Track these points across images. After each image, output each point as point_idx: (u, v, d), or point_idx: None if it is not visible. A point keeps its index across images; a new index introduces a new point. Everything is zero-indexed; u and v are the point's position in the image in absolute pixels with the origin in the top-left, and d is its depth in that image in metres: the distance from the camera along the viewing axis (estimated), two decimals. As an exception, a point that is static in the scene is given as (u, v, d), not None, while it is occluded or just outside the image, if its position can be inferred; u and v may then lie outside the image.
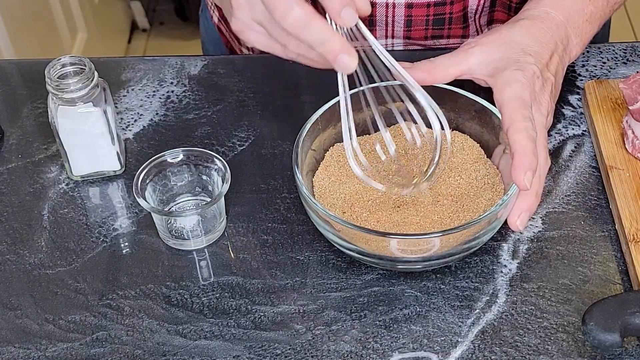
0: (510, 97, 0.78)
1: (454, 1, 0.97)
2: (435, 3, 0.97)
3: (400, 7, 0.98)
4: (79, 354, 0.74)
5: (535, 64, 0.81)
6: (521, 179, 0.73)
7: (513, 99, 0.78)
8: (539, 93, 0.80)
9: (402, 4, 0.97)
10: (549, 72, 0.82)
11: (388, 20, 0.99)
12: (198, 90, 0.97)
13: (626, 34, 2.47)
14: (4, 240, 0.84)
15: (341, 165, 0.83)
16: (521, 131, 0.75)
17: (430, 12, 0.98)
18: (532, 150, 0.74)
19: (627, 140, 0.84)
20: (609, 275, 0.77)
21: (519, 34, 0.83)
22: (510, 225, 0.76)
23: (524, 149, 0.74)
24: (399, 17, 0.98)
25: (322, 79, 0.97)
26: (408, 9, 0.98)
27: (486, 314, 0.75)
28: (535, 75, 0.80)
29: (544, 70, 0.82)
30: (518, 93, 0.78)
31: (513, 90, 0.78)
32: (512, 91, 0.78)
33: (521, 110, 0.77)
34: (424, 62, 0.83)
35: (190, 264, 0.81)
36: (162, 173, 0.83)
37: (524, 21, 0.84)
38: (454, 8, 0.98)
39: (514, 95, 0.78)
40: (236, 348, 0.74)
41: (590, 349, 0.72)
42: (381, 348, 0.73)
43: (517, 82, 0.79)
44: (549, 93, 0.82)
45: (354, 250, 0.76)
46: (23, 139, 0.93)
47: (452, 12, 0.98)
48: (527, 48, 0.82)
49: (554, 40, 0.84)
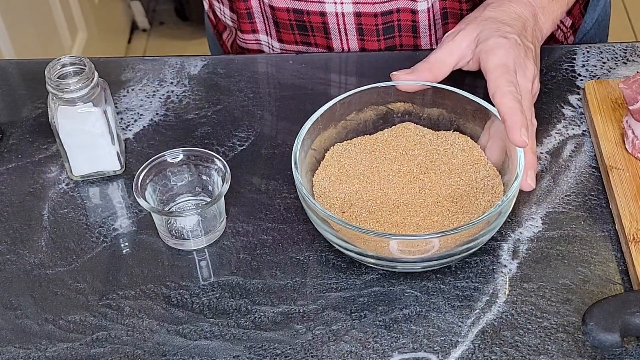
0: (495, 64, 0.81)
1: (401, 10, 0.98)
2: (382, 13, 0.99)
3: (349, 16, 1.00)
4: (79, 354, 0.74)
5: (513, 32, 0.84)
6: (518, 136, 0.76)
7: (497, 65, 0.81)
8: (524, 58, 0.83)
9: (351, 13, 0.99)
10: (528, 41, 0.85)
11: (340, 28, 1.01)
12: (198, 90, 0.97)
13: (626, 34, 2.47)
14: (4, 240, 0.84)
15: (341, 165, 0.83)
16: (506, 94, 0.79)
17: (379, 21, 0.99)
18: (520, 109, 0.78)
19: (627, 140, 0.84)
20: (609, 275, 0.77)
21: (492, 12, 0.87)
22: (524, 188, 0.78)
23: (512, 110, 0.78)
24: (350, 25, 1.00)
25: (322, 79, 0.98)
26: (357, 17, 0.99)
27: (486, 314, 0.75)
28: (517, 43, 0.83)
29: (523, 39, 0.85)
30: (502, 60, 0.81)
31: (497, 57, 0.82)
32: (497, 58, 0.82)
33: (505, 75, 0.80)
34: (419, 64, 0.85)
35: (190, 264, 0.81)
36: (162, 173, 0.83)
37: (493, 3, 0.88)
38: (402, 16, 0.99)
39: (498, 62, 0.81)
40: (236, 348, 0.74)
41: (590, 349, 0.72)
42: (381, 348, 0.73)
43: (501, 49, 0.82)
44: (532, 59, 0.84)
45: (353, 251, 0.76)
46: (23, 139, 0.93)
47: (400, 20, 1.00)
48: (502, 20, 0.86)
49: (525, 15, 0.88)
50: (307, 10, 1.00)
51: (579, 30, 1.10)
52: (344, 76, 1.00)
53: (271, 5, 1.00)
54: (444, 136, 0.84)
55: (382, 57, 1.00)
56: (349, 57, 1.02)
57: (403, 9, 0.99)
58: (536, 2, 0.89)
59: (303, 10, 1.00)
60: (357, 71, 1.00)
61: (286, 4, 1.00)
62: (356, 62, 1.01)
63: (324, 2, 0.99)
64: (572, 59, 0.97)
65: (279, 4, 1.00)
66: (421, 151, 0.83)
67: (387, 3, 0.98)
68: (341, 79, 0.99)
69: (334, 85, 0.97)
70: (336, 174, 0.82)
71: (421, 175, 0.81)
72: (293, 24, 1.02)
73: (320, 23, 1.01)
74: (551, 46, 0.99)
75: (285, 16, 1.01)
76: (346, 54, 1.02)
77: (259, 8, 1.03)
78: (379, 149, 0.84)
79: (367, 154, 0.83)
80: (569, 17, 1.07)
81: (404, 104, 0.85)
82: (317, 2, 0.99)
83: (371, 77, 0.89)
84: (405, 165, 0.82)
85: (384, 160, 0.83)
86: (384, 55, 1.00)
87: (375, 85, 0.84)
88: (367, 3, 0.98)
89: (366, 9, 0.99)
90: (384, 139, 0.85)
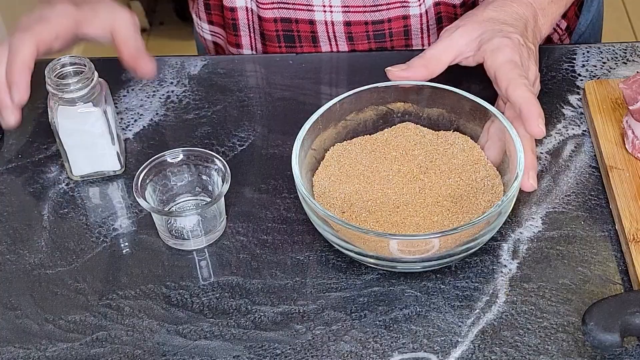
0: (504, 60, 0.81)
1: (392, 19, 0.98)
2: (373, 21, 0.98)
3: (339, 25, 0.99)
4: (79, 354, 0.74)
5: (516, 33, 0.84)
6: (535, 126, 0.77)
7: (506, 61, 0.81)
8: (527, 59, 0.83)
9: (341, 22, 0.99)
10: (529, 41, 0.85)
11: (330, 36, 1.00)
12: (198, 90, 0.97)
13: (626, 34, 2.47)
14: (4, 240, 0.83)
15: (341, 165, 0.83)
16: (520, 86, 0.79)
17: (370, 29, 0.99)
18: (535, 99, 0.78)
19: (627, 140, 0.84)
20: (609, 275, 0.77)
21: (493, 12, 0.87)
22: (525, 189, 0.79)
23: (528, 99, 0.78)
24: (340, 33, 1.00)
25: (322, 79, 0.98)
26: (347, 26, 0.99)
27: (486, 314, 0.75)
28: (520, 43, 0.83)
29: (525, 39, 0.85)
30: (510, 56, 0.81)
31: (505, 54, 0.82)
32: (504, 55, 0.81)
33: (516, 69, 0.80)
34: (414, 59, 0.85)
35: (190, 264, 0.81)
36: (162, 173, 0.83)
37: (495, 2, 0.88)
38: (393, 25, 0.99)
39: (506, 58, 0.81)
40: (236, 348, 0.74)
41: (590, 349, 0.72)
42: (381, 348, 0.73)
43: (507, 47, 0.82)
44: (534, 60, 0.85)
45: (353, 251, 0.76)
46: (23, 139, 0.93)
47: (392, 28, 0.99)
48: (504, 21, 0.85)
49: (526, 15, 0.87)
50: (295, 18, 0.99)
51: (574, 32, 1.10)
52: (344, 76, 1.00)
53: (259, 16, 1.00)
54: (444, 136, 0.84)
55: (382, 57, 0.99)
56: (350, 57, 1.02)
57: (394, 17, 0.98)
58: (536, 3, 0.89)
59: (292, 18, 0.99)
60: (358, 71, 1.00)
61: (274, 14, 0.99)
62: (357, 62, 1.01)
63: (312, 10, 0.98)
64: (572, 59, 0.97)
65: (267, 14, 0.99)
66: (421, 151, 0.83)
67: (377, 12, 0.98)
68: (341, 79, 0.99)
69: (334, 85, 0.97)
70: (336, 174, 0.82)
71: (421, 175, 0.81)
72: (280, 35, 1.01)
73: (308, 32, 1.00)
74: (551, 46, 0.99)
75: (272, 27, 1.01)
76: (346, 54, 1.02)
77: (245, 19, 1.02)
78: (379, 149, 0.84)
79: (367, 154, 0.83)
80: (564, 19, 1.07)
81: (404, 104, 0.85)
82: (306, 10, 0.99)
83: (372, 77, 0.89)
84: (405, 165, 0.82)
85: (384, 160, 0.83)
86: (384, 54, 1.00)
87: (375, 85, 0.84)
88: (357, 12, 0.98)
89: (356, 17, 0.98)
90: (384, 139, 0.85)
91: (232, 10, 1.02)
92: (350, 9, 0.98)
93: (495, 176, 0.81)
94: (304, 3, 0.98)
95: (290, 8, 0.99)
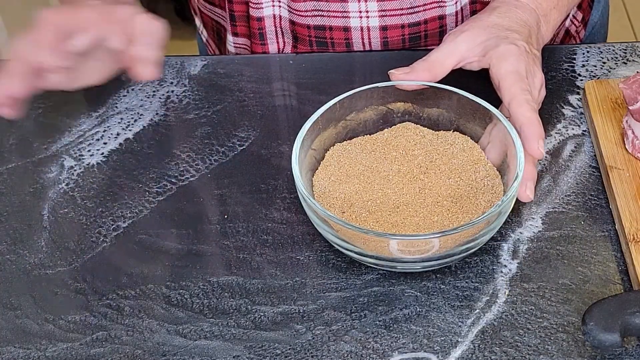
0: (508, 70, 0.81)
1: (428, 20, 0.97)
2: (409, 24, 0.98)
3: (375, 30, 0.98)
4: (79, 354, 0.74)
5: (522, 39, 0.84)
6: (535, 148, 0.77)
7: (510, 72, 0.81)
8: (533, 66, 0.83)
9: (377, 27, 0.98)
10: (534, 48, 0.85)
11: (365, 42, 0.99)
12: (198, 90, 0.97)
13: (626, 34, 2.47)
14: (4, 240, 0.83)
15: (341, 165, 0.83)
16: (523, 104, 0.78)
17: (406, 32, 0.98)
18: (537, 120, 0.78)
19: (627, 140, 0.84)
20: (609, 275, 0.77)
21: (497, 17, 0.86)
22: (522, 199, 0.79)
23: (531, 120, 0.78)
24: (375, 39, 0.99)
25: (322, 79, 0.98)
26: (383, 31, 0.98)
27: (486, 314, 0.75)
28: (526, 50, 0.83)
29: (530, 46, 0.84)
30: (514, 66, 0.81)
31: (510, 63, 0.81)
32: (509, 65, 0.81)
33: (519, 83, 0.80)
34: (418, 63, 0.84)
35: (190, 264, 0.81)
36: None
37: (500, 7, 0.88)
38: (429, 26, 0.98)
39: (511, 68, 0.81)
40: (236, 348, 0.74)
41: (590, 349, 0.72)
42: (381, 348, 0.73)
43: (512, 56, 0.82)
44: (539, 66, 0.84)
45: (353, 251, 0.76)
46: (23, 139, 0.93)
47: (427, 29, 0.99)
48: (510, 28, 0.85)
49: (530, 22, 0.87)
50: (330, 25, 0.98)
51: (588, 23, 1.10)
52: (344, 76, 1.00)
53: (292, 20, 0.99)
54: (444, 136, 0.84)
55: (385, 57, 0.99)
56: (351, 57, 1.02)
57: (431, 18, 0.98)
58: (540, 9, 0.89)
59: (326, 25, 0.98)
60: (359, 71, 1.00)
61: (307, 22, 0.98)
62: (357, 62, 1.01)
63: (348, 17, 0.97)
64: (572, 59, 0.97)
65: (301, 20, 0.98)
66: (421, 151, 0.83)
67: (414, 14, 0.97)
68: (342, 79, 0.99)
69: (334, 85, 0.97)
70: (336, 174, 0.82)
71: (421, 175, 0.81)
72: (312, 41, 1.00)
73: (342, 39, 0.99)
74: (551, 46, 0.99)
75: (305, 32, 0.99)
76: (347, 53, 1.02)
77: (272, 26, 1.00)
78: (379, 149, 0.84)
79: (367, 154, 0.83)
80: (580, 11, 1.08)
81: (404, 104, 0.85)
82: (341, 17, 0.97)
83: (373, 76, 0.89)
84: (405, 165, 0.82)
85: (384, 160, 0.83)
86: (388, 54, 1.00)
87: (375, 85, 0.84)
88: (394, 15, 0.96)
89: (393, 21, 0.97)
90: (384, 139, 0.85)
91: (259, 20, 1.00)
92: (387, 12, 0.97)
93: (495, 176, 0.81)
94: (339, 10, 0.97)
95: (325, 15, 0.97)
